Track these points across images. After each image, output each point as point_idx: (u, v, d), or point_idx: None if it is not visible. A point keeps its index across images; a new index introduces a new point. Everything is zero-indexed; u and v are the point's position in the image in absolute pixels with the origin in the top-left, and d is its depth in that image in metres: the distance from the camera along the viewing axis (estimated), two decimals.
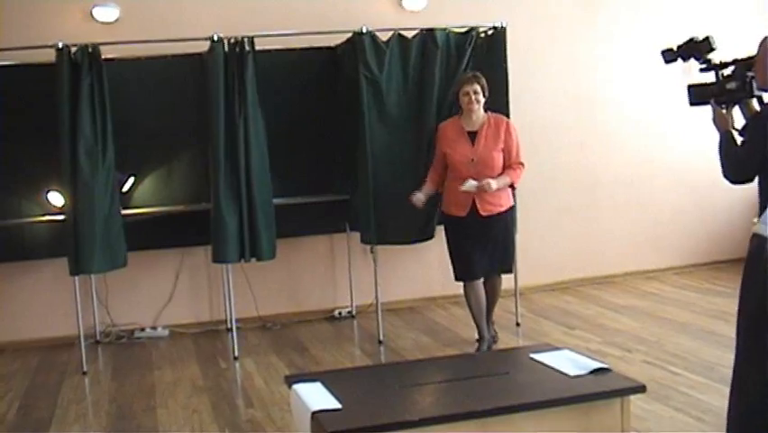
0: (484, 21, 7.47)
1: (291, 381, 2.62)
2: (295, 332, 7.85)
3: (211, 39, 6.86)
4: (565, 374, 2.62)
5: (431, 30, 7.32)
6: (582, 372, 2.65)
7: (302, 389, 2.51)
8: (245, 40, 6.93)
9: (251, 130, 6.97)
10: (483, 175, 6.49)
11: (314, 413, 2.32)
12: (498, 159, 6.59)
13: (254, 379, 6.48)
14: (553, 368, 2.68)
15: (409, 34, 7.35)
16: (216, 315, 8.03)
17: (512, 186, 6.75)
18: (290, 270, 8.14)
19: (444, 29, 7.34)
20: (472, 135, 6.63)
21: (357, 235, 7.68)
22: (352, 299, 8.38)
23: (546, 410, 2.44)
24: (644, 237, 9.46)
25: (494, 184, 6.45)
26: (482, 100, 6.59)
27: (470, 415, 2.35)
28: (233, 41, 6.94)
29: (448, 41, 7.33)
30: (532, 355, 2.82)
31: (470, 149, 6.58)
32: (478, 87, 6.54)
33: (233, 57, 6.95)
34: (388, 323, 7.72)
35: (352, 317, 8.35)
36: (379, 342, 7.32)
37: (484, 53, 7.47)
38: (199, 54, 7.20)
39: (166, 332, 7.87)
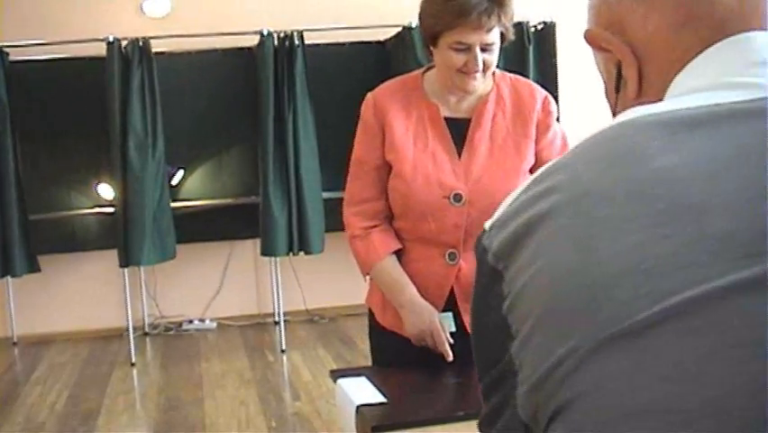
0: (533, 15, 7.42)
1: (336, 375, 2.61)
2: (342, 325, 7.85)
3: (260, 33, 6.88)
4: None
5: None
6: None
7: (347, 383, 2.50)
8: (294, 34, 6.95)
9: (300, 124, 6.98)
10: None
11: (358, 407, 2.30)
12: None
13: (301, 372, 6.49)
14: None
15: None
16: (264, 308, 8.04)
17: None
18: (338, 263, 8.12)
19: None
20: (458, 129, 2.76)
21: None
22: None
23: None
24: None
25: None
26: (495, 61, 2.64)
27: None
28: (282, 35, 6.96)
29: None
30: None
31: (450, 165, 2.72)
32: (494, 33, 2.56)
33: (283, 51, 6.97)
34: None
35: None
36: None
37: (534, 48, 7.41)
38: (249, 48, 7.21)
39: (214, 324, 7.90)
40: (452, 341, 2.66)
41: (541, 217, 0.88)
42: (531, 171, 2.73)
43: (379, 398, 2.38)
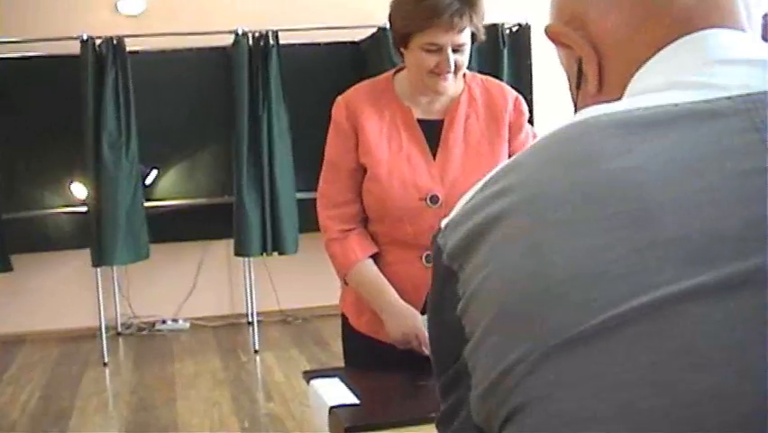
0: (508, 17, 7.43)
1: (309, 376, 2.61)
2: (316, 326, 7.84)
3: (235, 32, 6.87)
4: None
5: None
6: None
7: (320, 384, 2.50)
8: (269, 33, 6.94)
9: (274, 124, 6.97)
10: None
11: (331, 408, 2.30)
12: None
13: (274, 373, 6.49)
14: None
15: None
16: (237, 308, 8.02)
17: None
18: (312, 264, 8.08)
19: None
20: (431, 131, 2.75)
21: None
22: None
23: None
24: None
25: None
26: (466, 62, 2.64)
27: None
28: (257, 34, 6.95)
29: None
30: None
31: (426, 167, 2.72)
32: (466, 34, 2.56)
33: (258, 51, 6.96)
34: None
35: None
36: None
37: (508, 51, 7.42)
38: (224, 48, 7.19)
39: (187, 324, 7.87)
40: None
41: (495, 219, 0.87)
42: None
43: (352, 399, 2.38)
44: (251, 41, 6.93)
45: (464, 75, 2.74)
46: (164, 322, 7.87)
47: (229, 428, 5.37)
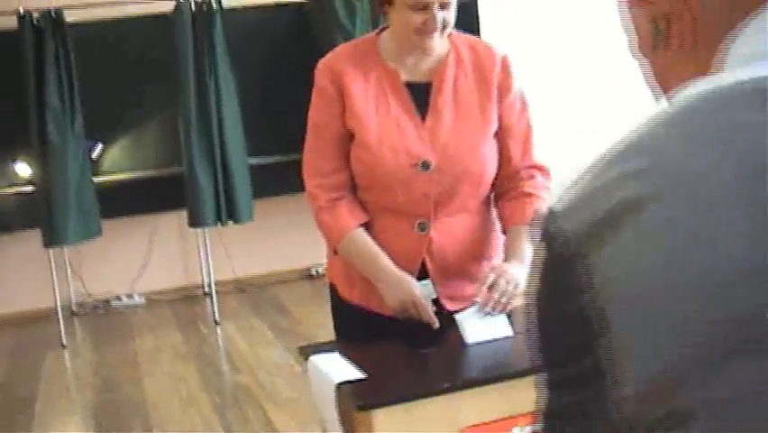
0: None
1: (307, 351, 2.53)
2: (273, 293, 7.74)
3: None
4: None
5: None
6: None
7: (321, 360, 2.42)
8: None
9: (222, 90, 6.82)
10: (452, 210, 2.67)
11: (339, 385, 2.22)
12: (490, 158, 2.67)
13: (238, 343, 6.40)
14: None
15: None
16: (192, 279, 7.89)
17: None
18: (264, 230, 7.98)
19: None
20: (419, 94, 2.64)
21: None
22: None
23: None
24: None
25: (516, 270, 2.57)
26: (453, 20, 2.57)
27: (503, 377, 2.29)
28: None
29: None
30: None
31: (416, 132, 2.61)
32: None
33: (201, 15, 6.79)
34: None
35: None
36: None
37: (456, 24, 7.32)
38: (165, 14, 6.99)
39: (142, 300, 7.72)
40: (434, 308, 2.56)
41: (634, 204, 0.77)
42: (495, 135, 2.65)
43: (358, 375, 2.30)
44: (193, 6, 6.76)
45: (450, 34, 2.64)
46: (119, 299, 7.70)
47: (200, 404, 5.27)
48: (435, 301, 2.62)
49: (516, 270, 2.55)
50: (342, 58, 2.66)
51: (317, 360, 2.45)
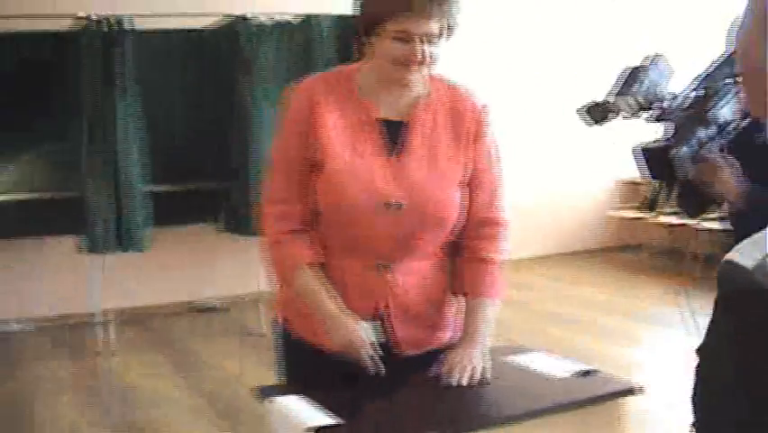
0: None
1: (267, 393, 2.43)
2: (165, 325, 7.57)
3: (82, 17, 6.55)
4: (552, 378, 2.52)
5: (312, 15, 7.19)
6: (568, 374, 2.55)
7: (286, 402, 2.33)
8: (121, 19, 6.65)
9: (126, 115, 6.68)
10: (415, 254, 2.58)
11: (314, 431, 2.14)
12: (457, 203, 2.58)
13: (132, 375, 6.22)
14: (536, 372, 2.58)
15: (291, 18, 7.22)
16: (83, 307, 7.62)
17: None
18: (157, 260, 7.80)
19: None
20: (393, 132, 2.56)
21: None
22: (218, 291, 8.14)
23: (550, 417, 2.35)
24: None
25: (477, 358, 2.53)
26: (437, 55, 2.47)
27: (492, 422, 2.25)
28: (105, 19, 6.62)
29: (333, 26, 7.20)
30: (507, 359, 2.70)
31: (386, 169, 2.52)
32: (434, 26, 2.42)
33: (107, 36, 6.65)
34: (263, 315, 7.45)
35: (218, 309, 8.08)
36: (252, 334, 7.15)
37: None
38: (67, 33, 6.79)
39: (31, 326, 7.44)
40: (380, 352, 2.48)
41: None
42: (465, 183, 2.60)
43: (330, 419, 2.22)
44: (96, 27, 6.62)
45: (431, 76, 2.58)
46: (6, 323, 7.39)
47: None
48: (385, 345, 2.53)
49: (477, 358, 2.52)
50: (320, 85, 2.58)
51: (284, 402, 2.36)
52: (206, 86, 7.28)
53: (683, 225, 8.77)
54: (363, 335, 2.49)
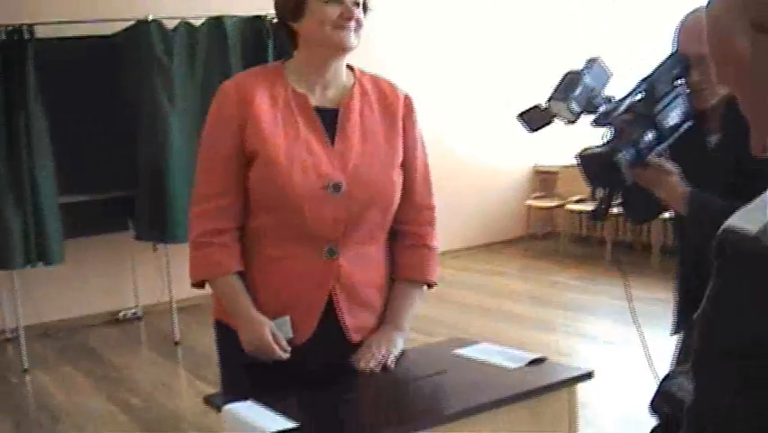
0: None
1: (218, 400, 2.37)
2: (81, 338, 7.39)
3: None
4: (505, 368, 2.52)
5: (218, 17, 7.09)
6: (520, 364, 2.55)
7: (239, 409, 2.28)
8: (24, 27, 6.47)
9: (32, 125, 6.52)
10: (360, 238, 2.59)
11: None
12: (398, 186, 2.62)
13: (53, 392, 6.04)
14: (489, 363, 2.57)
15: (197, 21, 7.12)
16: None
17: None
18: (70, 272, 7.61)
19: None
20: (327, 119, 2.57)
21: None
22: (137, 300, 7.99)
23: (505, 407, 2.34)
24: None
25: (399, 340, 2.64)
26: (362, 23, 2.54)
27: (451, 417, 2.22)
28: (10, 28, 6.45)
29: (241, 28, 7.13)
30: (456, 351, 2.69)
31: (326, 154, 2.53)
32: None
33: (11, 46, 6.47)
34: (181, 322, 7.32)
35: (139, 318, 7.95)
36: (176, 343, 7.03)
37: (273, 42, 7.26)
38: None
39: None
40: (287, 348, 2.49)
41: None
42: (402, 168, 2.64)
43: (289, 424, 2.16)
44: (4, 36, 6.43)
45: (353, 69, 2.67)
46: None
47: None
48: (336, 334, 2.55)
49: (399, 340, 2.61)
50: (250, 80, 2.59)
51: (236, 409, 2.30)
52: (113, 92, 7.12)
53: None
54: (269, 338, 2.48)
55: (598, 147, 2.49)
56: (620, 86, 2.53)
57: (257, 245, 2.58)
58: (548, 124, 2.54)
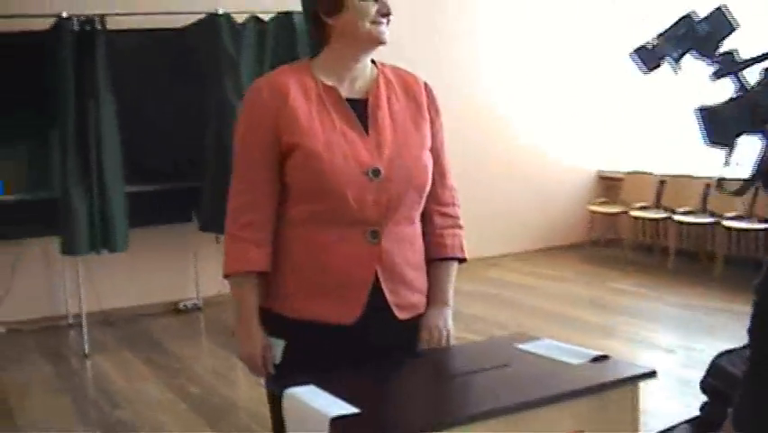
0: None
1: (278, 385, 2.39)
2: (141, 326, 7.49)
3: (58, 16, 6.45)
4: (568, 364, 2.50)
5: (288, 12, 7.13)
6: (583, 360, 2.54)
7: (300, 393, 2.29)
8: (96, 18, 6.56)
9: (102, 114, 6.61)
10: (399, 219, 2.65)
11: (333, 420, 2.10)
12: (430, 168, 2.70)
13: (113, 377, 6.13)
14: (551, 358, 2.55)
15: (266, 17, 7.18)
16: (56, 310, 7.55)
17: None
18: (132, 261, 7.71)
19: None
20: (358, 109, 2.64)
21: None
22: (197, 291, 8.08)
23: (567, 402, 2.32)
24: (484, 226, 9.47)
25: (449, 317, 2.85)
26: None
27: (513, 409, 2.21)
28: (82, 18, 6.54)
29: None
30: (518, 346, 2.68)
31: (362, 142, 2.59)
32: None
33: (83, 36, 6.58)
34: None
35: (199, 309, 8.04)
36: (233, 333, 7.08)
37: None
38: (43, 32, 6.69)
39: (3, 329, 7.33)
40: (271, 371, 2.67)
41: None
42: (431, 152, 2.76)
43: (348, 408, 2.17)
44: (75, 26, 6.53)
45: (374, 62, 2.76)
46: None
47: None
48: (382, 312, 2.62)
49: (450, 316, 2.83)
50: (281, 76, 2.68)
51: (298, 393, 2.31)
52: (182, 85, 7.21)
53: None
54: (260, 361, 2.66)
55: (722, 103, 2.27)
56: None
57: (301, 232, 2.64)
58: (657, 66, 2.44)
